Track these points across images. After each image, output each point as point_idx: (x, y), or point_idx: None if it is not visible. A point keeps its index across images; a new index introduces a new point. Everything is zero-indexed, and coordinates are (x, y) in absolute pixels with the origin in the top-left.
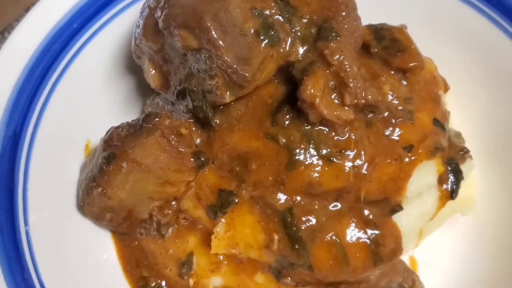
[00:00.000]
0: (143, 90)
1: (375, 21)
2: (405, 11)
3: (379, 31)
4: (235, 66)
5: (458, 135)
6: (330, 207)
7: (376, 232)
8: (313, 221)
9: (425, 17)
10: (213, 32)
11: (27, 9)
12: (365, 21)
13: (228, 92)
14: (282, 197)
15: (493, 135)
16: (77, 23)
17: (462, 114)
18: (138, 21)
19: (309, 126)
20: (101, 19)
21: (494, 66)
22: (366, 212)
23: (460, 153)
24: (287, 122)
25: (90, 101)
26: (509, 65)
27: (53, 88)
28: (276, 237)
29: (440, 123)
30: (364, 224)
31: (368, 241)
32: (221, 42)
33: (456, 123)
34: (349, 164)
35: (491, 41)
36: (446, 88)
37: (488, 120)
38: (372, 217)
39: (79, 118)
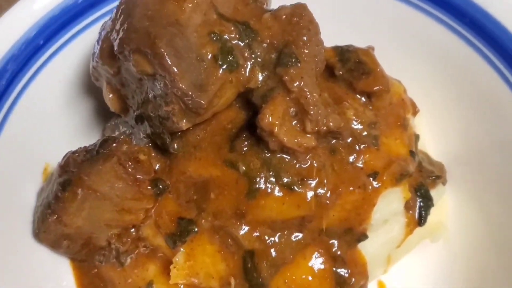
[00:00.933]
0: (105, 111)
1: (342, 42)
2: (374, 31)
3: (344, 53)
4: (190, 93)
5: (429, 158)
6: (292, 238)
7: (344, 270)
8: (274, 254)
9: (395, 36)
10: (167, 58)
11: None
12: (331, 42)
13: (184, 120)
14: (242, 227)
15: (466, 156)
16: (42, 39)
17: (434, 136)
18: (96, 43)
19: (269, 154)
20: (63, 37)
21: (466, 86)
22: (330, 242)
23: (431, 178)
24: (245, 149)
25: (50, 122)
26: (481, 84)
27: (11, 108)
28: (233, 282)
29: (408, 149)
30: (329, 257)
31: (333, 277)
32: (175, 69)
33: (427, 145)
34: (311, 192)
35: (463, 60)
36: (415, 111)
37: (461, 141)
38: (336, 249)
39: (38, 140)
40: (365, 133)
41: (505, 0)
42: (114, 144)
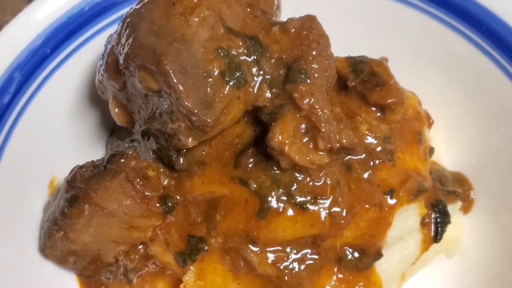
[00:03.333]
0: (112, 121)
1: (355, 52)
2: (388, 40)
3: (357, 64)
4: (196, 111)
5: (445, 172)
6: (306, 262)
7: None
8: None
9: (410, 45)
10: (172, 76)
11: None
12: (344, 52)
13: (190, 138)
14: (255, 250)
15: (482, 169)
16: (49, 47)
17: (449, 148)
18: (101, 56)
19: (278, 171)
20: (70, 46)
21: (482, 96)
22: (345, 259)
23: (448, 193)
24: (250, 166)
25: (55, 133)
26: (497, 95)
27: (17, 119)
28: None
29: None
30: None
31: None
32: (180, 87)
33: (442, 157)
34: (325, 211)
35: (479, 69)
36: (430, 123)
37: (477, 153)
38: (352, 270)
39: (43, 152)
40: (379, 148)
41: None
42: (122, 160)
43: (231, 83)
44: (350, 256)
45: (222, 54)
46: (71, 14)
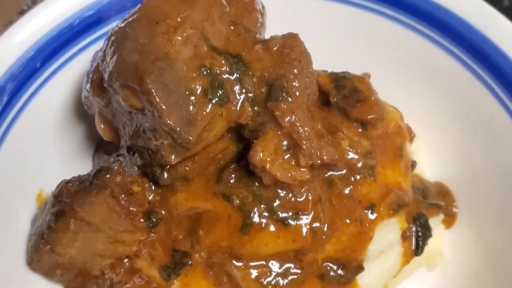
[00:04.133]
0: (98, 136)
1: (338, 68)
2: (371, 54)
3: (340, 80)
4: (178, 129)
5: (428, 184)
6: (289, 278)
7: None
8: None
9: (392, 59)
10: (155, 94)
11: None
12: (327, 67)
13: (173, 155)
14: (238, 265)
15: (464, 182)
16: (39, 60)
17: (433, 161)
18: (87, 73)
19: (260, 186)
20: (60, 59)
21: (464, 110)
22: (327, 275)
23: (431, 206)
24: (232, 181)
25: (45, 146)
26: (479, 109)
27: (6, 132)
28: None
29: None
30: None
31: None
32: (163, 105)
33: (426, 171)
34: (306, 227)
35: (461, 84)
36: (412, 137)
37: (459, 166)
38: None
39: (32, 166)
40: (360, 163)
41: (505, 25)
42: (108, 175)
43: (213, 101)
44: (332, 273)
45: (205, 72)
46: (60, 28)
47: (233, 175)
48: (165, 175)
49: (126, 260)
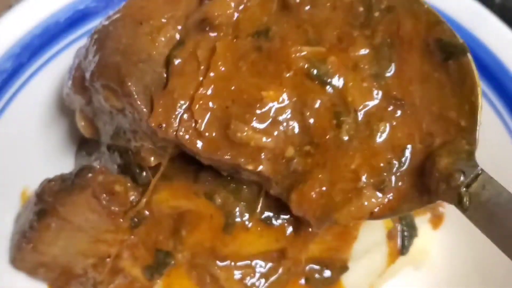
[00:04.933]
0: (80, 132)
1: None
2: None
3: None
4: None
5: None
6: (273, 272)
7: None
8: None
9: None
10: (136, 97)
11: None
12: None
13: (152, 157)
14: (221, 266)
15: None
16: (27, 55)
17: None
18: (69, 69)
19: (235, 186)
20: (46, 54)
21: None
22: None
23: None
24: (209, 178)
25: (28, 144)
26: None
27: None
28: None
29: None
30: None
31: None
32: (144, 108)
33: None
34: (289, 226)
35: None
36: None
37: None
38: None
39: (16, 163)
40: None
41: (495, 25)
42: (90, 174)
43: None
44: (316, 273)
45: None
46: (46, 24)
47: (210, 173)
48: (144, 174)
49: (108, 259)
